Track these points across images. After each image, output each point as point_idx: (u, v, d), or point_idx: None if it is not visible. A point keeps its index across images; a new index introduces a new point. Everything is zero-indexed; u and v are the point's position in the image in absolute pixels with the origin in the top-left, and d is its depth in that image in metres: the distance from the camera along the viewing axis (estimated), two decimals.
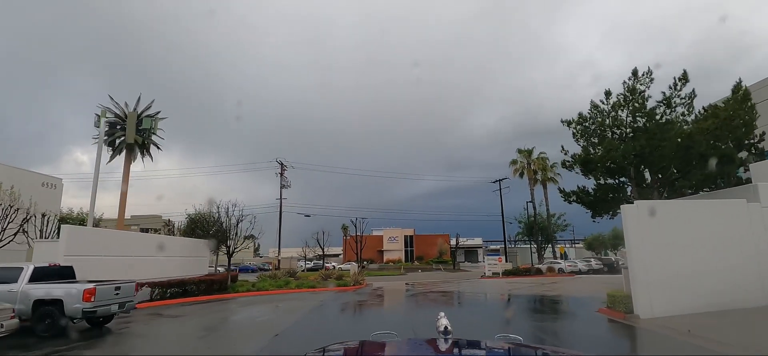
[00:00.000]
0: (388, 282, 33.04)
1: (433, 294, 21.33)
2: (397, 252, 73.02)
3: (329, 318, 13.14)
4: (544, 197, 43.45)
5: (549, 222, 43.26)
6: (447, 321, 2.28)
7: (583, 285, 22.73)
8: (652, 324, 11.08)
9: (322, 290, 24.39)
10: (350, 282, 27.34)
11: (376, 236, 76.95)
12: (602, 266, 36.62)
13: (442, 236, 70.53)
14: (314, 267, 55.46)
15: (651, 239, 11.84)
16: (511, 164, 42.67)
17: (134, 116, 27.74)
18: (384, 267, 67.33)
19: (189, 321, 12.70)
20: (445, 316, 2.35)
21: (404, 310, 15.46)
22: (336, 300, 18.30)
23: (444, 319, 2.30)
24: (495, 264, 36.39)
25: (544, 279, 29.18)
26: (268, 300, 18.26)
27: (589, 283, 24.20)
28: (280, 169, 37.52)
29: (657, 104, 13.73)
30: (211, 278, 20.51)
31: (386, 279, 39.57)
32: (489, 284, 27.93)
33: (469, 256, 78.83)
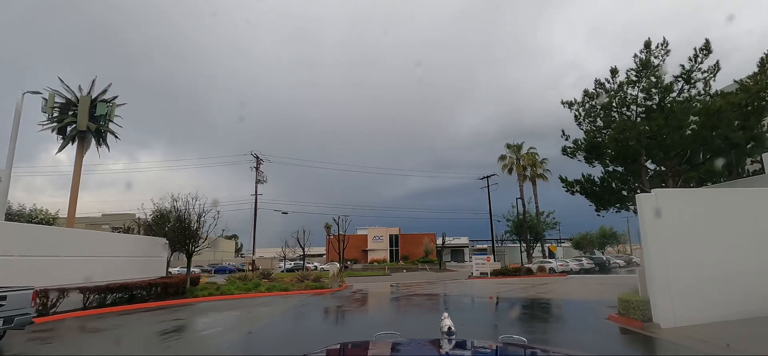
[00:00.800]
0: (370, 284, 30.90)
1: (418, 297, 19.26)
2: (382, 252, 70.94)
3: (290, 332, 10.93)
4: (533, 194, 41.94)
5: (538, 220, 41.75)
6: (450, 321, 2.37)
7: (580, 287, 21.00)
8: (677, 335, 9.20)
9: (296, 293, 22.11)
10: (328, 284, 25.10)
11: (361, 235, 74.72)
12: (593, 265, 35.18)
13: (428, 235, 68.74)
14: (294, 267, 52.91)
15: (673, 233, 9.98)
16: (500, 159, 40.99)
17: (87, 100, 24.93)
18: (368, 267, 65.15)
19: (104, 338, 10.30)
20: (448, 317, 2.43)
21: (384, 319, 13.33)
22: (307, 306, 16.07)
23: (447, 320, 2.38)
24: (483, 264, 34.61)
25: (535, 280, 27.45)
26: (230, 306, 15.91)
27: (585, 284, 22.50)
28: (256, 163, 34.97)
29: (674, 79, 11.92)
30: (167, 281, 18.03)
31: (369, 280, 37.43)
32: (477, 285, 26.04)
33: (455, 256, 77.25)
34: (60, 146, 25.31)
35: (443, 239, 60.46)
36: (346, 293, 22.12)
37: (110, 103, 26.03)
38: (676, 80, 11.91)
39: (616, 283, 21.80)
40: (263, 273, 29.96)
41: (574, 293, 17.91)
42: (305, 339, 9.93)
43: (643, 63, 12.21)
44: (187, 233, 18.60)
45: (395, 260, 69.32)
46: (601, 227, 64.66)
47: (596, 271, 35.40)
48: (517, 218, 43.89)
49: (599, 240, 60.50)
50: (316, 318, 13.44)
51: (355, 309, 15.69)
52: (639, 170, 11.64)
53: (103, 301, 14.69)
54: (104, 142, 26.56)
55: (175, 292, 18.10)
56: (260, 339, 9.92)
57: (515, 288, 21.21)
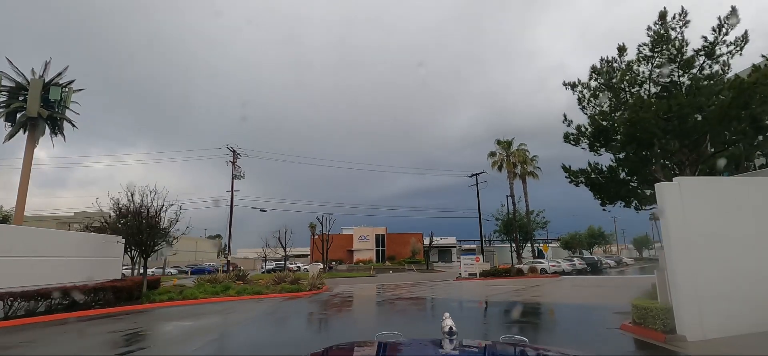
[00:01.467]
0: (354, 285, 29.07)
1: (402, 301, 17.51)
2: (368, 252, 69.10)
3: (239, 349, 9.03)
4: (523, 193, 40.62)
5: (528, 219, 40.46)
6: (452, 321, 2.23)
7: (577, 289, 19.54)
8: (708, 349, 7.69)
9: (269, 296, 20.17)
10: (306, 286, 23.19)
11: (346, 235, 72.78)
12: (585, 266, 33.98)
13: (415, 235, 67.17)
14: (276, 268, 50.70)
15: (702, 230, 8.43)
16: (490, 155, 39.55)
17: (39, 83, 22.50)
18: (354, 267, 63.23)
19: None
20: (449, 317, 2.29)
21: (361, 329, 11.54)
22: (275, 314, 14.17)
23: (449, 320, 2.25)
24: (471, 265, 33.06)
25: (526, 281, 25.98)
26: (186, 314, 13.91)
27: (581, 286, 21.06)
28: (232, 157, 32.80)
29: (694, 53, 10.41)
30: (117, 285, 15.89)
31: (353, 281, 35.58)
32: (466, 287, 24.44)
33: (442, 256, 75.85)
34: (8, 134, 22.83)
35: (430, 240, 58.90)
36: (324, 296, 20.26)
37: (66, 88, 23.63)
38: (697, 54, 10.40)
39: (615, 285, 20.41)
40: (238, 274, 27.87)
41: (573, 296, 16.39)
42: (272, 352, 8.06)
43: (658, 36, 10.65)
44: (142, 230, 16.46)
45: (381, 261, 67.56)
46: (590, 227, 64.05)
47: (588, 272, 34.21)
48: (506, 216, 42.58)
49: (588, 240, 59.73)
50: (281, 328, 11.56)
51: (330, 317, 13.85)
52: (651, 158, 10.07)
53: (33, 309, 12.54)
54: (60, 131, 24.13)
55: (128, 297, 15.98)
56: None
57: (507, 291, 19.64)
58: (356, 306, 16.49)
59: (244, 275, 28.31)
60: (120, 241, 17.17)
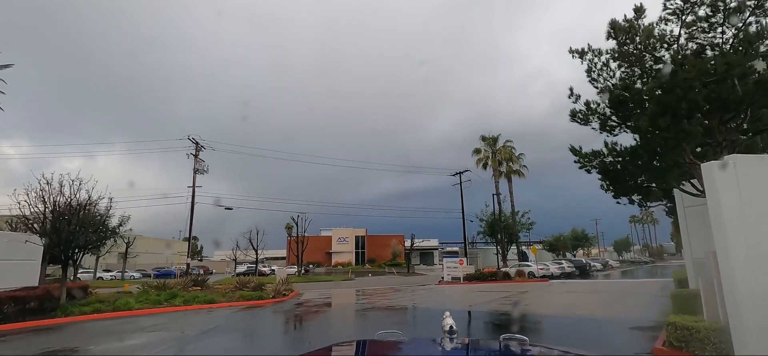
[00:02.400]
0: (327, 290, 26.45)
1: (376, 312, 15.04)
2: (347, 254, 66.35)
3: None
4: (509, 192, 38.79)
5: (514, 220, 38.64)
6: (452, 320, 2.24)
7: (573, 297, 17.48)
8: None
9: (223, 305, 17.42)
10: (270, 292, 20.45)
11: (325, 236, 69.81)
12: (574, 269, 32.26)
13: (396, 236, 64.81)
14: (247, 271, 47.48)
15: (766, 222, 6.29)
16: (475, 153, 37.56)
17: None
18: (332, 270, 60.38)
19: None
20: (450, 315, 2.32)
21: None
22: (214, 332, 11.48)
23: (449, 318, 2.27)
24: (455, 268, 30.87)
25: (514, 286, 23.90)
26: (104, 331, 11.10)
27: (576, 292, 19.05)
28: (195, 149, 29.73)
29: (737, 3, 8.33)
30: (22, 295, 12.88)
31: (327, 286, 32.91)
32: (450, 293, 22.19)
33: (424, 258, 73.70)
34: None
35: (412, 241, 56.64)
36: (288, 305, 17.60)
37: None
38: (739, 7, 8.33)
39: (614, 291, 18.46)
40: (196, 279, 24.85)
41: (573, 306, 14.24)
42: None
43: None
44: (60, 228, 13.45)
45: (361, 264, 64.95)
46: (573, 229, 63.05)
47: (576, 275, 32.50)
48: (491, 217, 40.67)
49: (572, 243, 58.59)
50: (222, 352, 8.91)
51: (284, 333, 11.27)
52: (689, 134, 7.92)
53: None
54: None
55: (39, 309, 12.98)
56: None
57: (496, 298, 17.42)
58: (321, 319, 13.91)
59: (204, 280, 25.29)
60: (32, 241, 14.06)
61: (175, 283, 21.98)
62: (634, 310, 12.69)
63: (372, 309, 15.83)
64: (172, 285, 20.72)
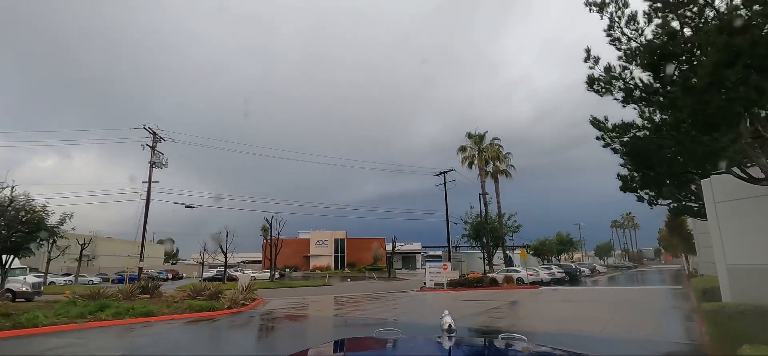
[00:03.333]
0: (298, 298, 23.76)
1: (346, 329, 12.51)
2: (326, 258, 63.50)
3: None
4: (495, 193, 36.84)
5: (500, 222, 36.69)
6: (451, 318, 2.25)
7: (574, 308, 15.34)
8: None
9: (166, 318, 14.64)
10: (226, 302, 17.67)
11: (303, 239, 66.89)
12: (564, 274, 30.41)
13: (378, 240, 62.37)
14: (216, 276, 44.18)
15: None
16: (460, 150, 35.46)
17: None
18: (309, 275, 57.45)
19: None
20: (449, 314, 2.31)
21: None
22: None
23: (448, 317, 2.27)
24: (438, 273, 28.58)
25: (503, 294, 21.74)
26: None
27: (576, 302, 16.96)
28: (152, 140, 26.65)
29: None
30: None
31: (301, 292, 30.16)
32: (433, 302, 19.87)
33: (406, 263, 71.39)
34: None
35: (393, 245, 54.32)
36: (242, 318, 14.92)
37: None
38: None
39: (617, 300, 16.41)
40: (145, 285, 21.83)
41: (576, 318, 12.02)
42: None
43: None
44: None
45: (341, 268, 62.19)
46: (558, 233, 61.72)
47: (567, 281, 30.66)
48: (476, 219, 38.64)
49: (557, 247, 57.20)
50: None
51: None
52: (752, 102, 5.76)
53: None
54: None
55: None
56: None
57: (485, 308, 15.15)
58: (277, 338, 11.32)
59: (155, 287, 22.30)
60: None
61: (117, 291, 18.98)
62: (652, 326, 10.58)
63: (342, 325, 13.30)
64: (110, 293, 17.71)
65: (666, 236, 37.18)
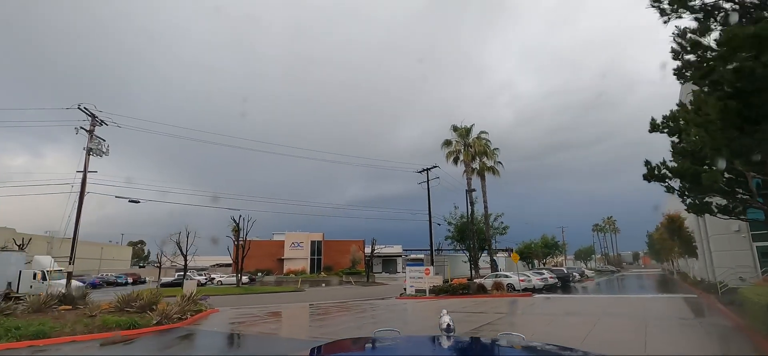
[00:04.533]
0: (257, 308, 20.36)
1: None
2: (302, 261, 59.76)
3: None
4: (482, 192, 34.15)
5: (487, 224, 34.02)
6: (449, 318, 2.27)
7: (582, 321, 12.55)
8: None
9: (63, 340, 11.18)
10: (155, 316, 14.15)
11: (277, 241, 62.99)
12: (556, 280, 27.86)
13: (356, 242, 59.03)
14: (175, 281, 40.06)
15: None
16: (445, 145, 32.60)
17: None
18: (283, 279, 53.64)
19: None
20: (447, 313, 2.36)
21: None
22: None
23: (446, 317, 2.29)
24: (420, 278, 25.61)
25: (494, 303, 18.90)
26: None
27: (581, 314, 14.18)
28: (90, 124, 22.74)
29: None
30: None
31: (265, 300, 26.67)
32: (413, 313, 16.87)
33: (387, 266, 68.28)
34: None
35: (372, 247, 51.15)
36: (166, 338, 11.56)
37: None
38: None
39: (636, 313, 13.68)
40: (65, 295, 18.02)
41: (614, 344, 9.11)
42: None
43: None
44: None
45: (317, 272, 58.58)
46: (543, 236, 59.75)
47: (559, 287, 28.12)
48: (460, 220, 35.92)
49: (542, 251, 55.13)
50: None
51: None
52: None
53: None
54: None
55: None
56: None
57: (477, 325, 12.19)
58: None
59: (82, 295, 18.52)
60: None
61: (28, 301, 15.24)
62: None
63: (293, 353, 10.06)
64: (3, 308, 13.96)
65: (660, 238, 35.32)
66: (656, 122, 12.91)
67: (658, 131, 12.83)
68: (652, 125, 12.93)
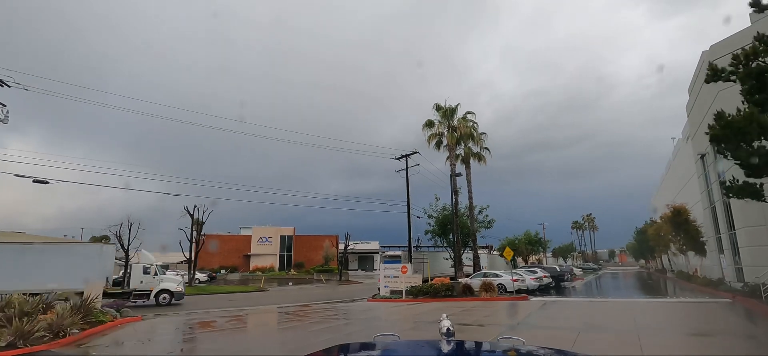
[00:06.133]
0: (197, 315, 16.10)
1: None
2: (270, 258, 55.03)
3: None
4: (466, 181, 30.63)
5: (472, 216, 30.51)
6: (449, 322, 2.36)
7: (616, 339, 8.95)
8: None
9: None
10: (7, 336, 9.76)
11: (244, 235, 58.12)
12: (550, 280, 24.56)
13: (330, 237, 54.81)
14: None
15: None
16: (426, 126, 28.79)
17: None
18: (250, 277, 48.93)
19: None
20: (447, 317, 2.42)
21: None
22: None
23: (446, 321, 2.37)
24: (395, 278, 21.87)
25: (485, 308, 15.27)
26: None
27: (613, 329, 10.63)
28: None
29: None
30: None
31: (215, 302, 22.34)
32: (381, 326, 12.98)
33: (363, 263, 64.26)
34: None
35: (346, 243, 47.16)
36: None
37: None
38: None
39: (671, 320, 10.20)
40: None
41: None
42: None
43: None
44: None
45: (287, 269, 54.02)
46: (526, 232, 57.00)
47: (553, 288, 24.85)
48: (442, 213, 32.23)
49: (526, 247, 52.31)
50: None
51: None
52: None
53: None
54: None
55: None
56: None
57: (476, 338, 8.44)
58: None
59: None
60: None
61: None
62: None
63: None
64: None
65: (655, 234, 32.73)
66: (717, 66, 9.39)
67: (720, 79, 9.31)
68: (712, 70, 9.41)
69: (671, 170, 38.98)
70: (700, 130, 21.78)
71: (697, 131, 22.51)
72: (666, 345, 8.39)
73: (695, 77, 21.97)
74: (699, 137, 22.30)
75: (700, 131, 21.87)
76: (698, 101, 22.02)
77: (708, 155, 20.57)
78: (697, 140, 22.78)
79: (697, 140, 23.00)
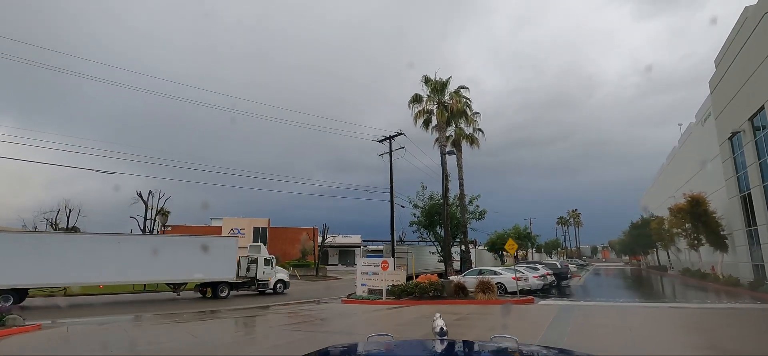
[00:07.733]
0: (123, 317, 12.21)
1: None
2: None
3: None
4: (457, 166, 27.28)
5: (463, 206, 27.20)
6: (443, 321, 2.30)
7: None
8: None
9: None
10: None
11: (215, 227, 53.67)
12: (552, 277, 21.38)
13: (308, 230, 50.97)
14: None
15: None
16: (413, 102, 25.15)
17: None
18: None
19: None
20: (440, 317, 2.37)
21: None
22: None
23: (440, 320, 2.32)
24: (375, 275, 18.36)
25: (488, 313, 11.91)
26: None
27: (655, 335, 7.32)
28: None
29: None
30: None
31: (153, 304, 18.35)
32: (345, 336, 9.44)
33: (344, 258, 60.59)
34: None
35: (324, 235, 43.49)
36: None
37: None
38: None
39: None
40: None
41: None
42: None
43: None
44: None
45: None
46: (515, 226, 54.19)
47: (554, 286, 21.69)
48: (429, 202, 28.75)
49: (517, 242, 49.41)
50: None
51: None
52: None
53: None
54: None
55: None
56: None
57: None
58: None
59: None
60: None
61: None
62: None
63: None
64: None
65: (658, 228, 30.13)
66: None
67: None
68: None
69: (675, 160, 36.38)
70: (731, 105, 18.79)
71: (726, 106, 19.46)
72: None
73: (729, 41, 18.82)
74: (728, 113, 19.32)
75: (731, 106, 18.90)
76: (732, 68, 18.81)
77: (744, 133, 17.49)
78: (726, 118, 19.77)
79: (725, 118, 19.98)
